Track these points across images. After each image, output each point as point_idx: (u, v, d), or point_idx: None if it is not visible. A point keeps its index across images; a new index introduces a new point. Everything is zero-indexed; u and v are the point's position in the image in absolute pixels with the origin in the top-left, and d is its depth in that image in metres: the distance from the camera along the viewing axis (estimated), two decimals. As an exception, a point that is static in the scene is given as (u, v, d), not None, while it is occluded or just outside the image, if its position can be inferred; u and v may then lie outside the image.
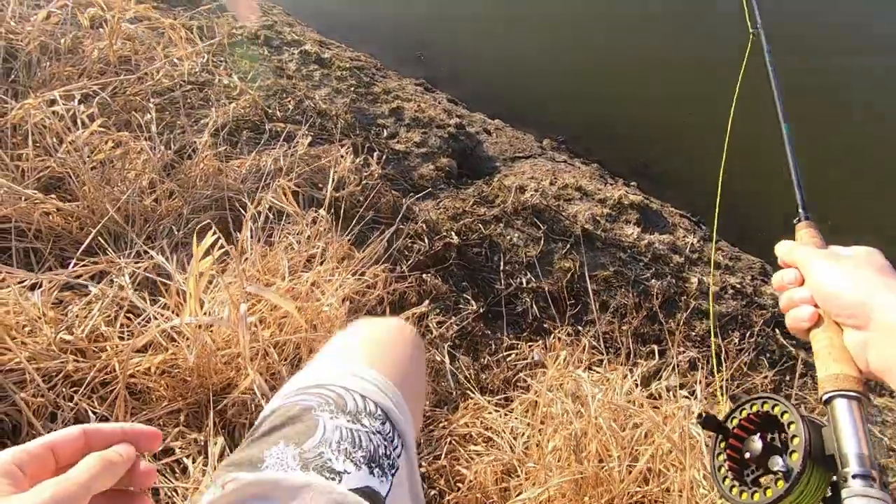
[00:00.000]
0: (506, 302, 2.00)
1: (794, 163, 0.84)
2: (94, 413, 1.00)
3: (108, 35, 1.96)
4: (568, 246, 2.28)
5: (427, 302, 1.75)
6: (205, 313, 1.08)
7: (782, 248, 0.65)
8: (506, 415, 1.32)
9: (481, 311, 1.92)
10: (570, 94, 3.83)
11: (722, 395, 1.37)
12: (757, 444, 0.53)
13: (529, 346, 1.73)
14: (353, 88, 3.02)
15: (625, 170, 3.51)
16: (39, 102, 1.55)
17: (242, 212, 1.65)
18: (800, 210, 0.78)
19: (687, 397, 1.35)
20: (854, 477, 0.45)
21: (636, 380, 1.39)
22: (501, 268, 2.12)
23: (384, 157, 2.52)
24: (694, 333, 2.08)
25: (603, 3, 4.49)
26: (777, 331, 2.25)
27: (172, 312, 1.14)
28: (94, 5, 2.22)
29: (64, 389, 0.98)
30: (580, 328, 2.01)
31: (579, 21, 4.32)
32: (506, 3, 4.41)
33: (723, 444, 0.56)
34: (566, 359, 1.40)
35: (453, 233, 2.14)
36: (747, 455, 0.54)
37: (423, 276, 1.95)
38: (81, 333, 1.05)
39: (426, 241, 2.07)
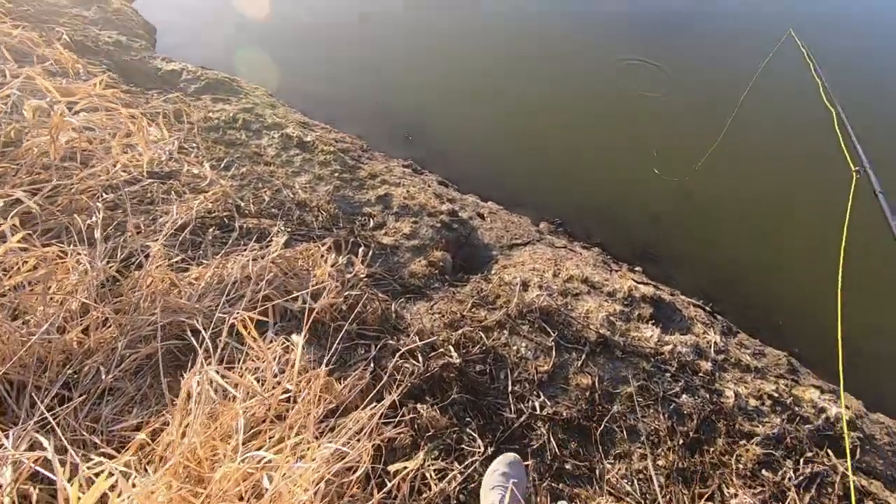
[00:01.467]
0: (518, 435, 1.66)
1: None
2: None
3: (50, 129, 1.71)
4: (583, 356, 1.97)
5: (422, 450, 1.40)
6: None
7: None
8: None
9: (490, 451, 1.57)
10: (564, 173, 3.69)
11: None
12: None
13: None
14: (336, 174, 2.80)
15: (628, 253, 3.30)
16: (-58, 216, 1.24)
17: (195, 341, 1.33)
18: None
19: None
20: None
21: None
22: (510, 388, 1.79)
23: (370, 252, 2.25)
24: (742, 466, 1.74)
25: (581, 85, 4.52)
26: (830, 453, 1.93)
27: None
28: (48, 94, 1.99)
29: None
30: (608, 464, 1.66)
31: (567, 102, 4.30)
32: (496, 81, 4.38)
33: None
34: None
35: (451, 347, 1.82)
36: None
37: (418, 406, 1.60)
38: None
39: (420, 359, 1.74)
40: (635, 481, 1.62)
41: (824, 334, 2.86)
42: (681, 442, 1.76)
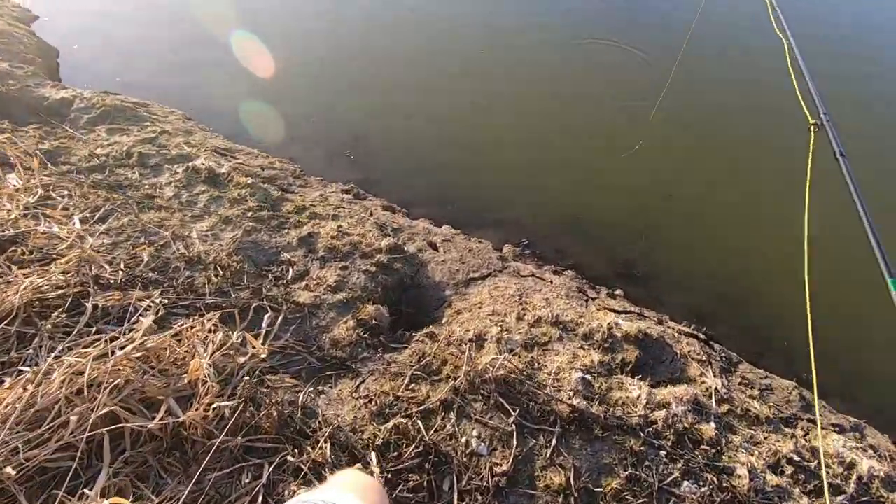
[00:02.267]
0: (466, 582, 1.20)
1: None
2: None
3: None
4: (553, 440, 1.53)
5: None
6: None
7: None
8: None
9: None
10: (529, 185, 3.25)
11: None
12: None
13: None
14: (251, 213, 2.31)
15: (607, 271, 2.86)
16: None
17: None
18: None
19: None
20: None
21: None
22: (456, 505, 1.33)
23: (281, 318, 1.77)
24: (770, 586, 1.31)
25: (549, 82, 4.08)
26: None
27: None
28: None
29: None
30: None
31: (527, 100, 3.86)
32: (450, 86, 3.92)
33: None
34: None
35: (373, 454, 1.36)
36: None
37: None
38: None
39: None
40: None
41: (828, 344, 2.44)
42: (687, 557, 1.33)
